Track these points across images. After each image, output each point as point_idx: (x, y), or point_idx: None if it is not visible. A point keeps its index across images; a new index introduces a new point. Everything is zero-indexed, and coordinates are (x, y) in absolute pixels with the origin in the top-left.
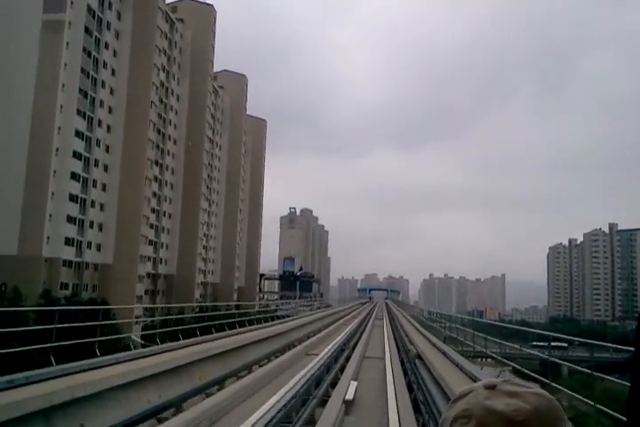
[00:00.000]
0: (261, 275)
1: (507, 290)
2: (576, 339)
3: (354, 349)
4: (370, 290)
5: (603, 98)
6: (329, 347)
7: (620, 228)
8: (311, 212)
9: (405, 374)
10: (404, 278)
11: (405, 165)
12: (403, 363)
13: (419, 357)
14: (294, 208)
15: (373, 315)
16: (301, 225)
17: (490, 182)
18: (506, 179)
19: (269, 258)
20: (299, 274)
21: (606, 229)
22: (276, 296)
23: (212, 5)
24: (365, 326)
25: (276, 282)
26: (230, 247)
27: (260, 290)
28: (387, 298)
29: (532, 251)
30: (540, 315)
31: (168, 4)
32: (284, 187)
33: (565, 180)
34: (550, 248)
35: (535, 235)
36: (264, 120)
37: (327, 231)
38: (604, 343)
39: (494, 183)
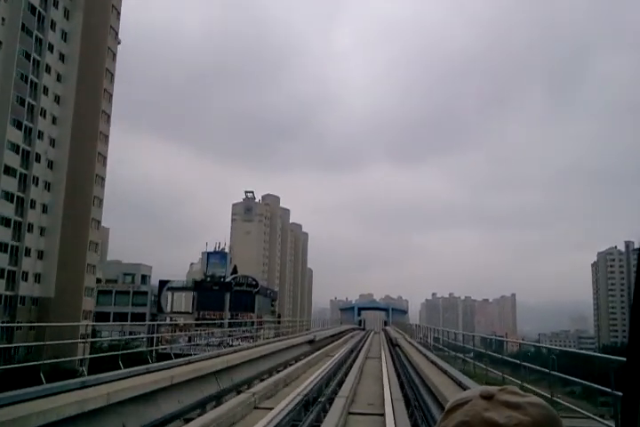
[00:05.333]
0: (163, 282)
1: (517, 311)
2: None
3: None
4: (360, 309)
5: (619, 101)
6: None
7: None
8: (278, 200)
9: None
10: (402, 299)
11: (405, 180)
12: None
13: None
14: (252, 192)
15: None
16: (262, 217)
17: (495, 197)
18: (513, 193)
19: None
20: (230, 280)
21: None
22: (185, 319)
23: None
24: None
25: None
26: None
27: (161, 310)
28: (386, 323)
29: (544, 269)
30: (570, 341)
31: None
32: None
33: (578, 192)
34: (599, 254)
35: (546, 252)
36: None
37: (307, 233)
38: None
39: (499, 198)
